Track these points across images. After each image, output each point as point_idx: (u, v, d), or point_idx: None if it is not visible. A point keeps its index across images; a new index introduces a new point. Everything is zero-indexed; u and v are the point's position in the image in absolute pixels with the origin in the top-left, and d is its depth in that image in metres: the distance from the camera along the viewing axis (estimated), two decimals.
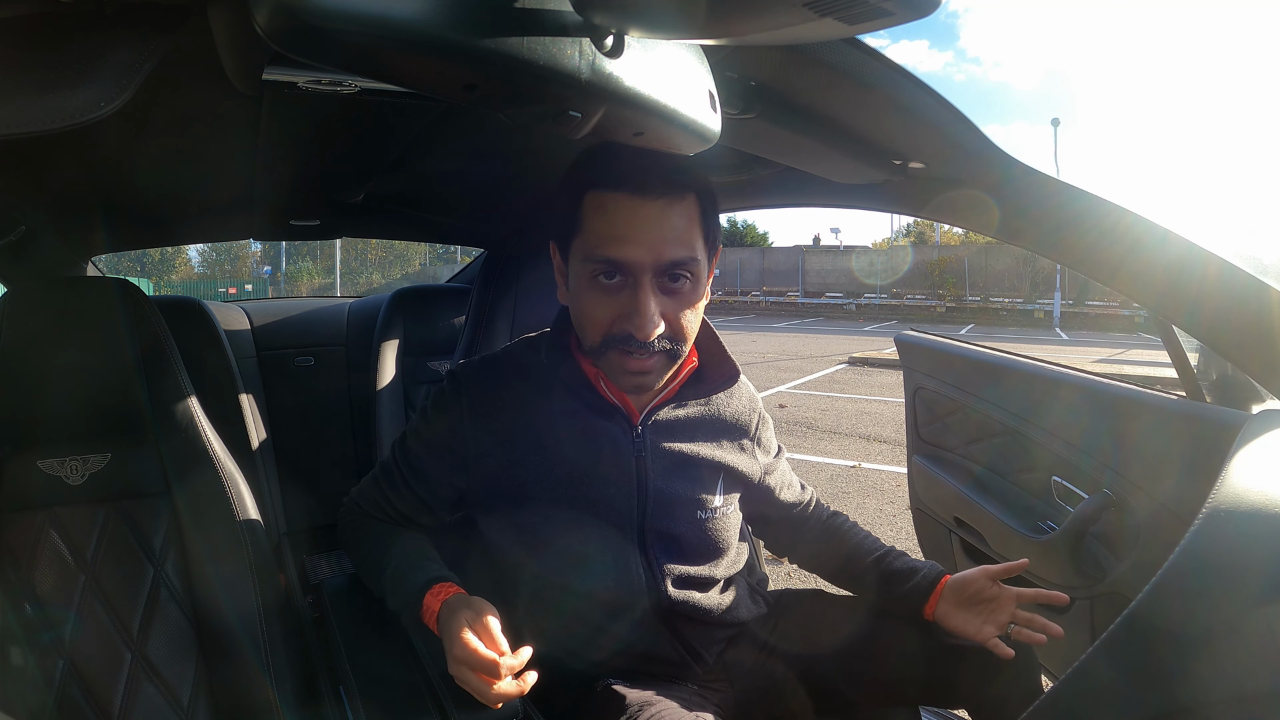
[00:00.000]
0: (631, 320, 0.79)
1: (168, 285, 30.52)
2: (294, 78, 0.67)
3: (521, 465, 0.89)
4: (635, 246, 0.78)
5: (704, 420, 0.96)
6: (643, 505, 0.90)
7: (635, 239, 0.78)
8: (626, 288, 0.80)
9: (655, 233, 0.78)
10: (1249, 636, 0.59)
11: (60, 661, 0.95)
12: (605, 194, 0.80)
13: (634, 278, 0.79)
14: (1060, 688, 0.62)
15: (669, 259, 0.79)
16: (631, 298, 0.79)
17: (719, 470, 0.96)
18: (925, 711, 1.20)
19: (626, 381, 0.84)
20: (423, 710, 0.79)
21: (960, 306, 21.79)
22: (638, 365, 0.82)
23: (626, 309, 0.80)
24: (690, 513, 0.93)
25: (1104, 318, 18.72)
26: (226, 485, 1.05)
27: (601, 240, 0.79)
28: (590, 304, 0.82)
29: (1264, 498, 0.66)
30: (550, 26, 0.48)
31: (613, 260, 0.79)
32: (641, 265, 0.79)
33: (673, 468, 0.92)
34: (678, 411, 0.94)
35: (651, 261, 0.79)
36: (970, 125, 0.82)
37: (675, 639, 0.93)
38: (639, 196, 0.78)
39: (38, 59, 0.51)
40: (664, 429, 0.93)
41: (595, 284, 0.81)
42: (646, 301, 0.79)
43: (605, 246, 0.79)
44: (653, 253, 0.78)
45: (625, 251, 0.78)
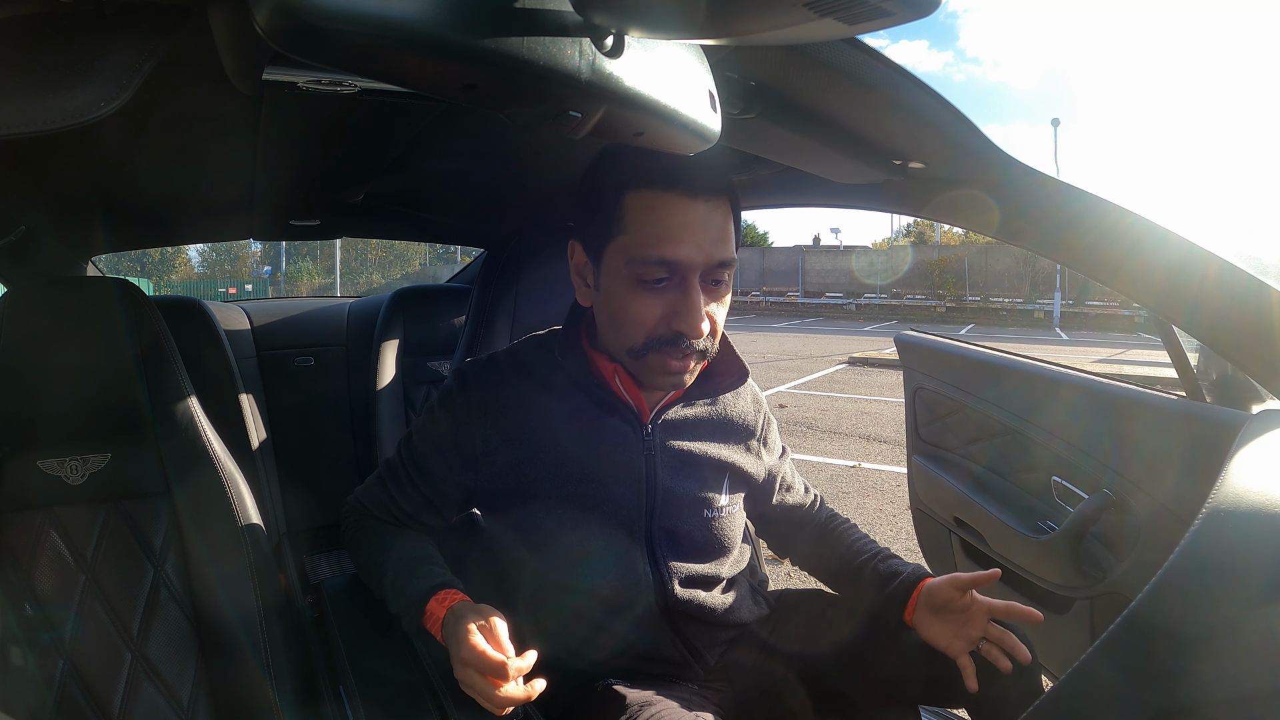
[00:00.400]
0: (684, 320, 0.81)
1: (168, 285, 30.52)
2: (294, 78, 0.67)
3: (529, 463, 0.89)
4: (688, 246, 0.79)
5: (711, 420, 0.97)
6: (651, 504, 0.91)
7: (688, 239, 0.79)
8: (673, 288, 0.81)
9: (705, 233, 0.80)
10: (1249, 636, 0.59)
11: (60, 661, 0.95)
12: (653, 194, 0.80)
13: (682, 277, 0.81)
14: (1060, 688, 0.62)
15: (718, 259, 0.81)
16: (681, 297, 0.81)
17: (725, 470, 0.96)
18: (925, 711, 1.20)
19: (664, 381, 0.85)
20: (423, 710, 0.79)
21: (960, 306, 21.79)
22: (680, 365, 0.83)
23: (676, 308, 0.81)
24: (697, 512, 0.93)
25: (1104, 318, 18.72)
26: (226, 485, 1.05)
27: (654, 240, 0.80)
28: (636, 304, 0.82)
29: (1264, 498, 0.66)
30: (550, 26, 0.48)
31: (667, 260, 0.79)
32: (693, 265, 0.80)
33: (681, 467, 0.93)
34: (686, 411, 0.95)
35: (703, 261, 0.80)
36: (970, 125, 0.82)
37: (678, 638, 0.93)
38: (689, 197, 0.79)
39: (38, 59, 0.51)
40: (673, 428, 0.93)
41: (641, 285, 0.81)
42: (698, 300, 0.81)
43: (659, 247, 0.79)
44: (703, 253, 0.80)
45: (679, 252, 0.79)
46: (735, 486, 0.99)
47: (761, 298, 24.84)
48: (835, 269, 25.13)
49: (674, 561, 0.92)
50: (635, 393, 0.91)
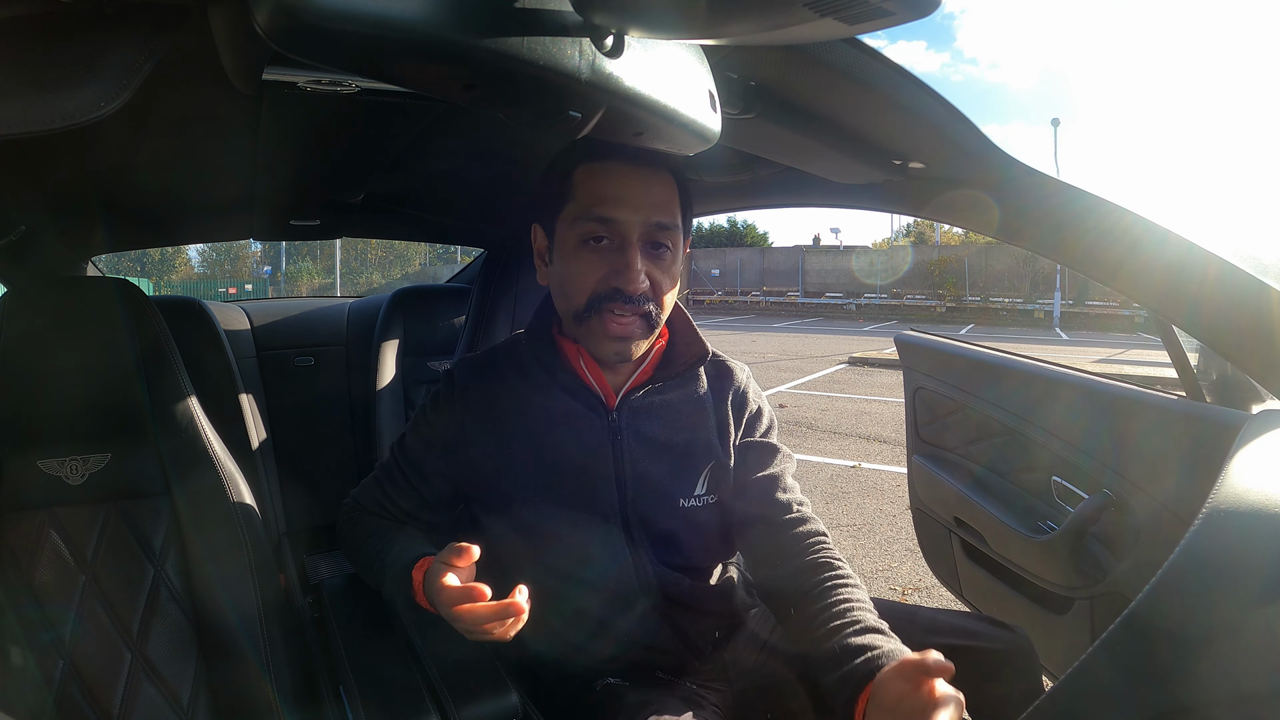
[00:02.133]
0: (621, 275, 0.85)
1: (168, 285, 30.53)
2: (294, 78, 0.67)
3: (514, 457, 0.92)
4: (626, 206, 0.86)
5: (683, 405, 0.96)
6: (623, 491, 0.91)
7: (627, 200, 0.86)
8: (614, 249, 0.86)
9: (644, 196, 0.87)
10: (1249, 636, 0.59)
11: (60, 661, 0.95)
12: (598, 163, 0.87)
13: (623, 238, 0.86)
14: (1060, 688, 0.62)
15: (655, 220, 0.87)
16: (620, 255, 0.86)
17: (700, 456, 0.95)
18: None
19: (608, 348, 0.88)
20: (423, 710, 0.79)
21: (960, 306, 21.79)
22: (620, 327, 0.87)
23: (615, 266, 0.86)
24: (673, 499, 0.93)
25: (1104, 318, 18.72)
26: (226, 485, 1.05)
27: (595, 201, 0.86)
28: (579, 265, 0.87)
29: (1264, 498, 0.66)
30: (550, 26, 0.48)
31: (606, 218, 0.85)
32: (631, 223, 0.86)
33: (650, 453, 0.93)
34: (653, 396, 0.95)
35: (640, 221, 0.86)
36: (970, 125, 0.82)
37: (670, 628, 0.93)
38: (630, 164, 0.87)
39: (38, 59, 0.51)
40: (640, 413, 0.94)
41: (584, 247, 0.87)
42: (635, 256, 0.86)
43: (599, 206, 0.86)
44: (641, 213, 0.86)
45: (619, 210, 0.86)
46: (715, 475, 0.95)
47: (761, 298, 24.84)
48: (835, 269, 25.12)
49: (655, 550, 0.92)
50: (600, 377, 0.93)
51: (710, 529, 0.96)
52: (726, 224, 35.48)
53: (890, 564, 2.94)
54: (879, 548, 3.11)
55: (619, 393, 0.94)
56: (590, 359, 0.93)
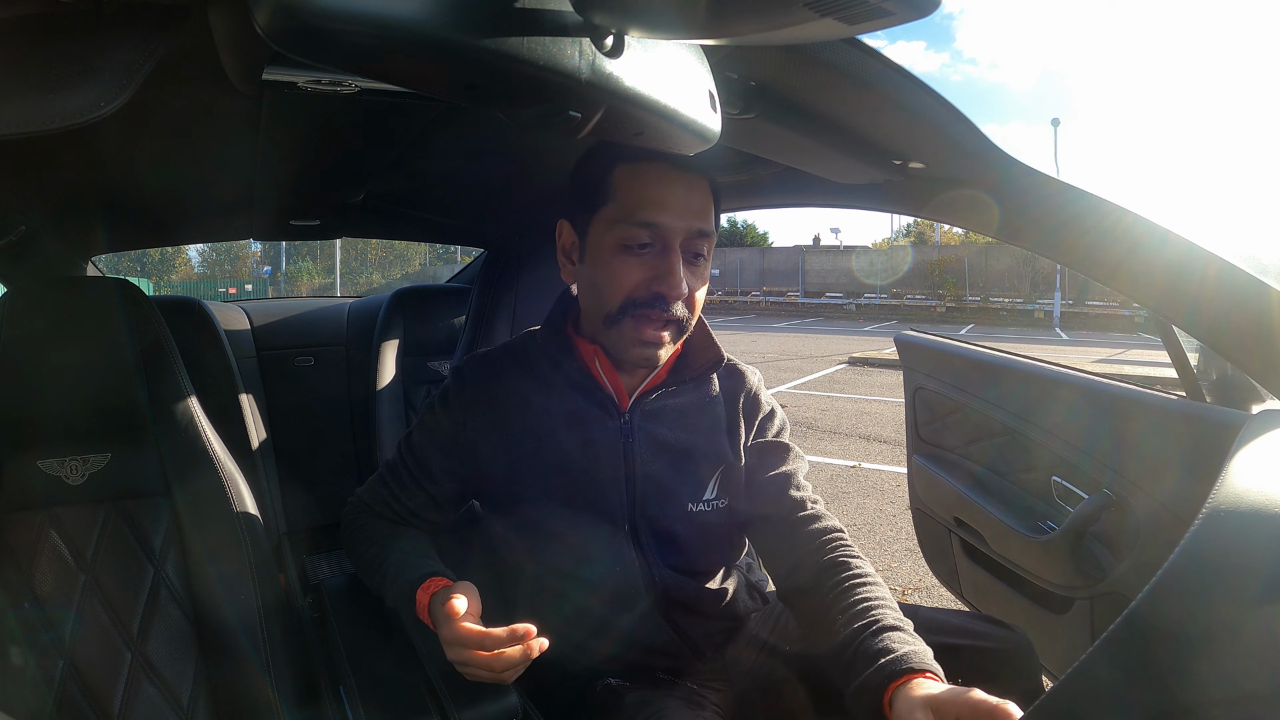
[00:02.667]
0: (664, 281, 0.84)
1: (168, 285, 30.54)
2: (294, 78, 0.67)
3: (521, 456, 0.91)
4: (672, 211, 0.84)
5: (694, 409, 0.96)
6: (631, 494, 0.91)
7: (672, 205, 0.84)
8: (655, 253, 0.85)
9: (688, 201, 0.85)
10: (1249, 636, 0.59)
11: (60, 661, 0.95)
12: (640, 164, 0.85)
13: (665, 243, 0.85)
14: (1060, 688, 0.62)
15: (698, 227, 0.85)
16: (662, 260, 0.85)
17: (711, 460, 0.95)
18: None
19: (636, 353, 0.87)
20: (423, 710, 0.79)
21: (960, 306, 21.80)
22: (653, 334, 0.85)
23: (657, 271, 0.84)
24: (681, 503, 0.93)
25: (1104, 318, 18.73)
26: (226, 485, 1.05)
27: (640, 204, 0.84)
28: (619, 268, 0.85)
29: (1264, 498, 0.66)
30: (550, 26, 0.48)
31: (652, 223, 0.84)
32: (675, 230, 0.84)
33: (661, 456, 0.92)
34: (666, 399, 0.95)
35: (684, 227, 0.84)
36: (970, 125, 0.82)
37: (673, 631, 0.93)
38: (672, 167, 0.85)
39: (38, 59, 0.51)
40: (652, 415, 0.93)
41: (625, 250, 0.85)
42: (678, 262, 0.84)
43: (644, 210, 0.84)
44: (685, 219, 0.84)
45: (663, 215, 0.84)
46: (725, 478, 0.96)
47: (761, 298, 24.84)
48: (835, 269, 25.13)
49: (662, 552, 0.92)
50: (614, 379, 0.92)
51: (717, 533, 0.96)
52: (726, 224, 35.48)
53: (890, 564, 2.94)
54: (879, 548, 3.11)
55: (631, 395, 0.93)
56: (605, 360, 0.91)
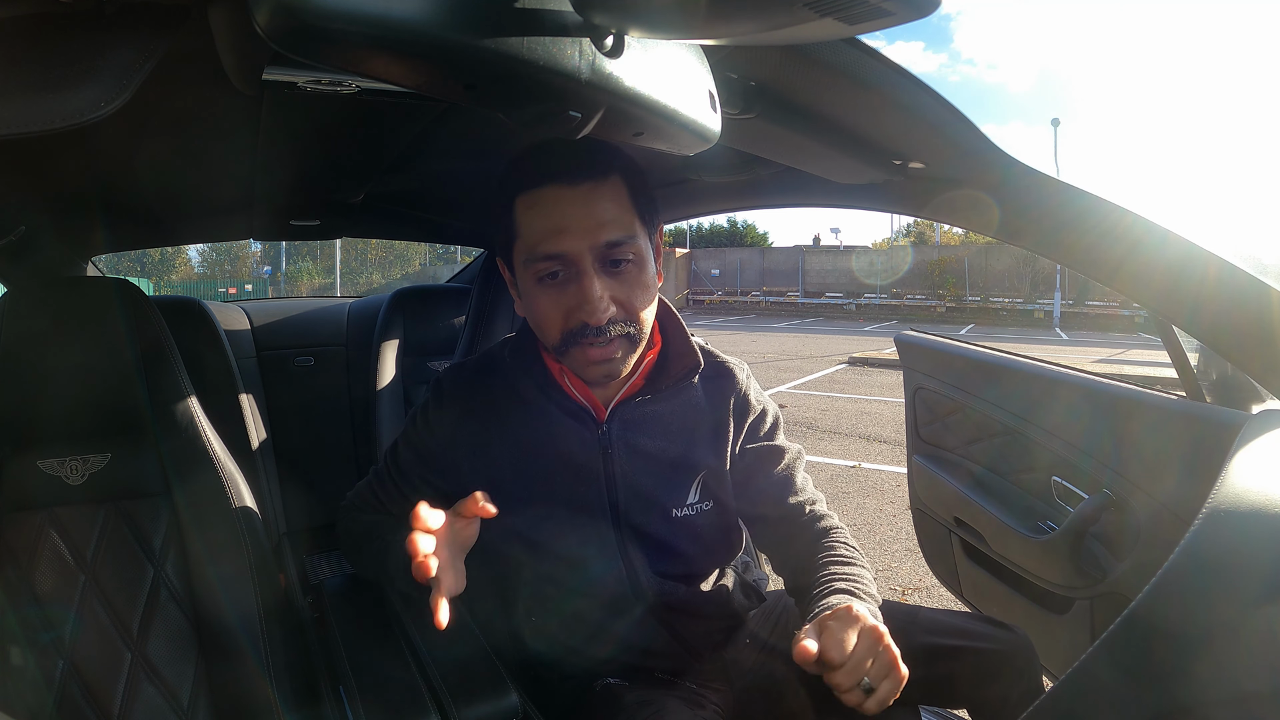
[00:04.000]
0: (582, 309, 0.81)
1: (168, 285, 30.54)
2: (294, 78, 0.67)
3: (503, 469, 0.90)
4: (571, 234, 0.80)
5: (674, 415, 0.94)
6: (615, 502, 0.91)
7: (570, 227, 0.80)
8: (572, 280, 0.82)
9: (588, 218, 0.80)
10: (1249, 636, 0.59)
11: (60, 661, 0.95)
12: (535, 192, 0.81)
13: (576, 267, 0.81)
14: (1060, 688, 0.62)
15: (604, 240, 0.81)
16: (577, 288, 0.81)
17: (692, 467, 0.94)
18: (925, 711, 1.20)
19: (593, 372, 0.86)
20: (423, 710, 0.79)
21: (960, 306, 21.80)
22: (599, 354, 0.83)
23: (576, 300, 0.81)
24: (664, 510, 0.92)
25: (1104, 318, 18.72)
26: (226, 485, 1.05)
27: (539, 238, 0.81)
28: (541, 304, 0.83)
29: (1264, 498, 0.66)
30: (550, 26, 0.48)
31: (552, 254, 0.81)
32: (580, 252, 0.80)
33: (642, 463, 0.91)
34: (644, 407, 0.93)
35: (589, 246, 0.80)
36: (970, 125, 0.82)
37: (670, 634, 0.93)
38: (564, 185, 0.80)
39: (38, 59, 0.51)
40: (630, 424, 0.92)
41: (542, 284, 0.83)
42: (591, 287, 0.80)
43: (543, 243, 0.81)
44: (588, 237, 0.80)
45: (562, 243, 0.80)
46: (709, 483, 0.95)
47: (761, 298, 24.84)
48: (835, 269, 25.12)
49: (649, 559, 0.92)
50: (586, 392, 0.91)
51: (706, 536, 0.96)
52: (726, 224, 35.53)
53: (890, 564, 2.94)
54: (879, 548, 3.12)
55: (608, 405, 0.92)
56: (574, 375, 0.90)
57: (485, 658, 0.88)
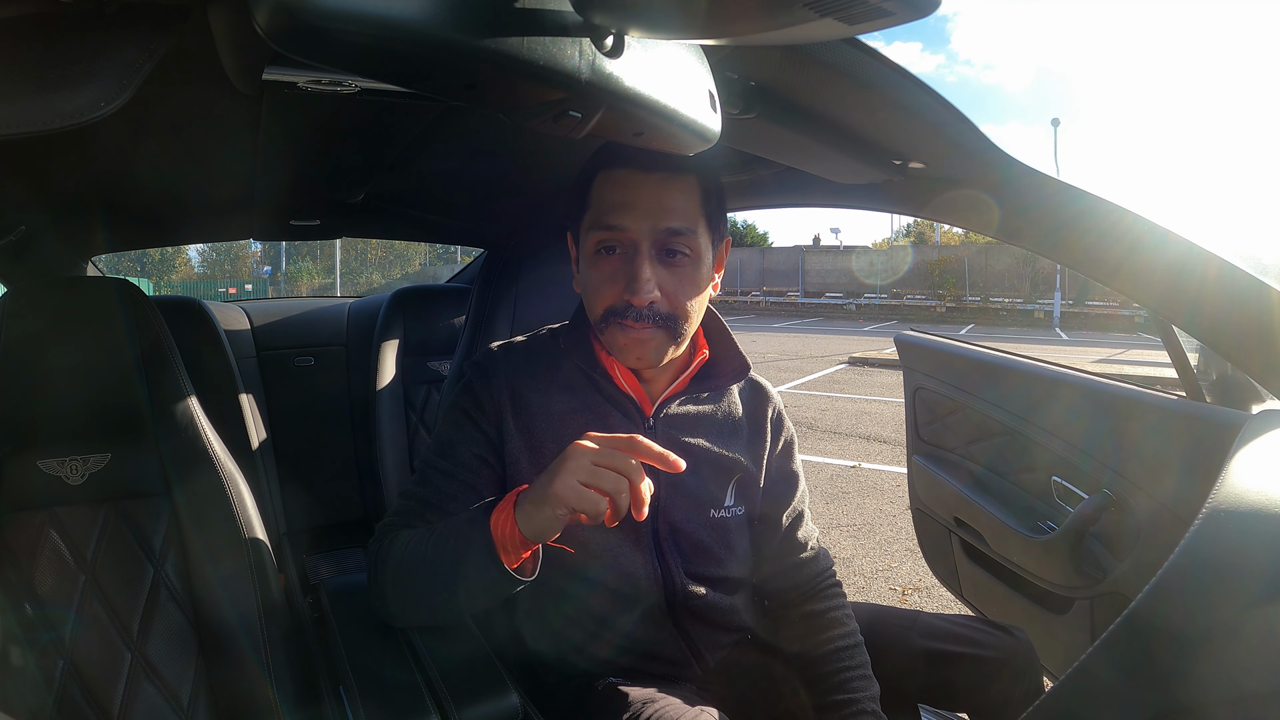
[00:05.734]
0: (630, 285, 0.84)
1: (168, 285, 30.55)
2: (294, 78, 0.67)
3: (540, 453, 0.89)
4: (634, 213, 0.84)
5: (716, 418, 0.96)
6: (655, 500, 0.90)
7: (634, 206, 0.84)
8: (627, 258, 0.85)
9: (655, 202, 0.84)
10: (1249, 636, 0.59)
11: (60, 661, 0.95)
12: (612, 171, 0.86)
13: (632, 246, 0.84)
14: (1060, 688, 0.62)
15: (665, 226, 0.84)
16: (630, 266, 0.84)
17: (731, 470, 0.95)
18: (925, 711, 1.20)
19: (626, 356, 0.87)
20: (423, 710, 0.79)
21: (960, 306, 21.80)
22: (634, 335, 0.85)
23: (626, 277, 0.84)
24: (703, 511, 0.93)
25: (1104, 318, 18.72)
26: (226, 485, 1.05)
27: (605, 210, 0.85)
28: (595, 274, 0.87)
29: (1264, 498, 0.66)
30: (550, 26, 0.48)
31: (613, 225, 0.84)
32: (640, 231, 0.84)
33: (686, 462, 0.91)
34: (689, 406, 0.95)
35: (649, 228, 0.84)
36: (970, 125, 0.82)
37: (681, 637, 0.93)
38: (641, 171, 0.84)
39: (38, 59, 0.51)
40: (675, 423, 0.93)
41: (599, 257, 0.86)
42: (642, 266, 0.83)
43: (607, 214, 0.85)
44: (650, 219, 0.84)
45: (625, 217, 0.84)
46: (743, 488, 0.97)
47: (761, 298, 24.84)
48: (835, 269, 25.13)
49: (681, 560, 0.92)
50: (636, 386, 0.92)
51: (736, 541, 0.96)
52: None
53: (890, 564, 2.94)
54: (879, 548, 3.11)
55: (655, 400, 0.93)
56: (626, 368, 0.91)
57: (485, 658, 0.88)
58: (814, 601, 1.00)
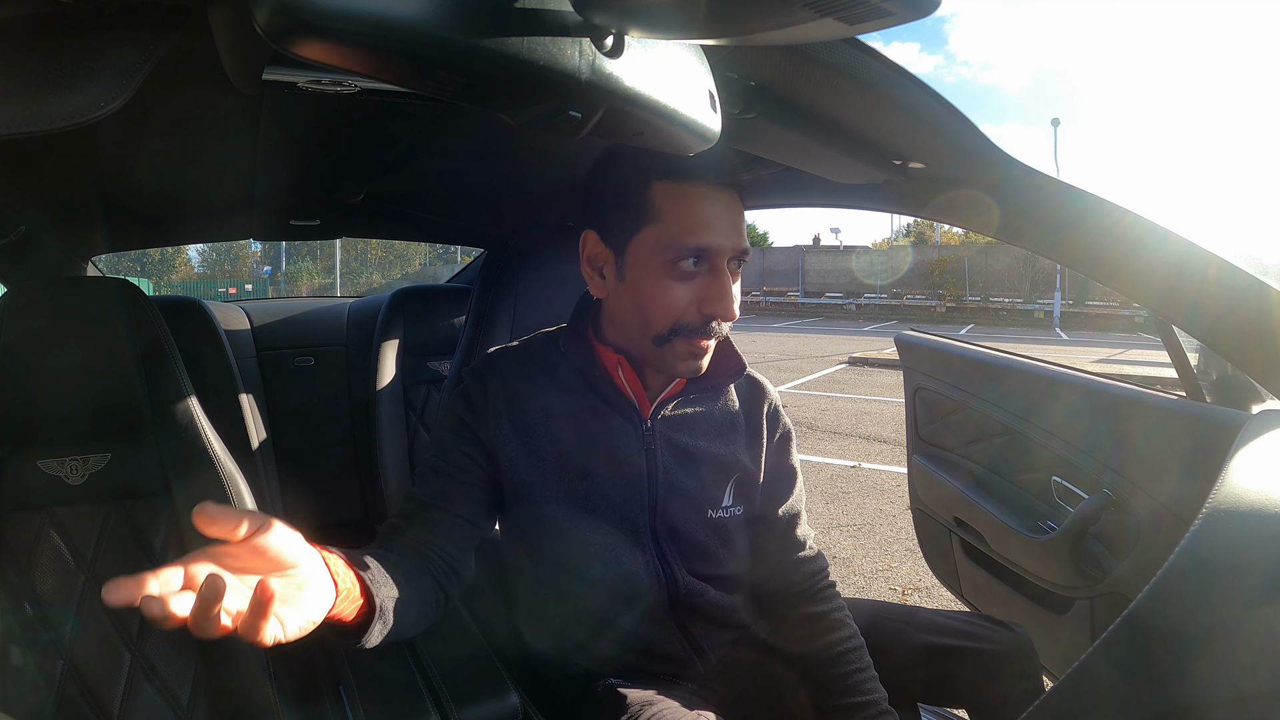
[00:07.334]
0: (718, 304, 0.84)
1: (168, 285, 30.55)
2: (294, 78, 0.67)
3: (543, 461, 0.90)
4: (720, 233, 0.83)
5: (714, 416, 0.96)
6: (653, 501, 0.91)
7: (719, 226, 0.84)
8: (703, 275, 0.84)
9: (731, 221, 0.85)
10: (1249, 636, 0.59)
11: (60, 661, 0.95)
12: (681, 184, 0.83)
13: (714, 265, 0.84)
14: (1060, 688, 0.62)
15: (742, 247, 0.86)
16: (714, 282, 0.84)
17: (729, 469, 0.95)
18: (925, 711, 1.20)
19: (687, 366, 0.88)
20: (423, 710, 0.79)
21: (960, 306, 21.80)
22: (704, 348, 0.87)
23: (708, 294, 0.84)
24: (701, 511, 0.93)
25: (1104, 318, 18.73)
26: (226, 485, 1.05)
27: (690, 229, 0.83)
28: (667, 292, 0.84)
29: (1264, 498, 0.66)
30: (550, 26, 0.48)
31: (703, 247, 0.83)
32: (724, 251, 0.84)
33: (682, 463, 0.92)
34: (686, 407, 0.95)
35: (732, 247, 0.84)
36: (970, 125, 0.82)
37: (682, 636, 0.93)
38: (715, 187, 0.84)
39: (38, 59, 0.51)
40: (673, 424, 0.93)
41: (674, 271, 0.84)
42: (729, 285, 0.85)
43: (695, 234, 0.83)
44: (732, 239, 0.84)
45: (713, 238, 0.83)
46: (741, 487, 0.97)
47: (761, 298, 24.84)
48: (835, 269, 25.13)
49: (681, 559, 0.92)
50: (637, 387, 0.92)
51: (735, 540, 0.96)
52: None
53: (890, 564, 2.94)
54: (879, 548, 3.11)
55: (652, 402, 0.93)
56: (629, 369, 0.91)
57: (485, 658, 0.88)
58: (813, 603, 0.99)
